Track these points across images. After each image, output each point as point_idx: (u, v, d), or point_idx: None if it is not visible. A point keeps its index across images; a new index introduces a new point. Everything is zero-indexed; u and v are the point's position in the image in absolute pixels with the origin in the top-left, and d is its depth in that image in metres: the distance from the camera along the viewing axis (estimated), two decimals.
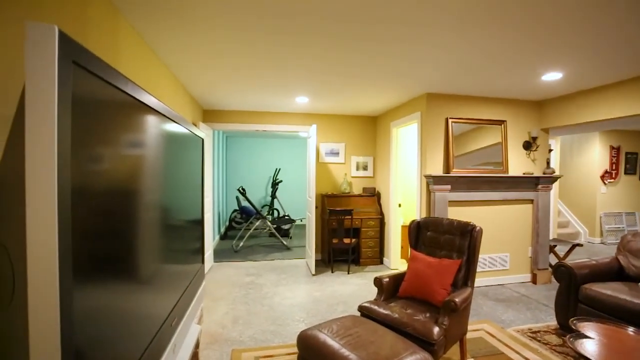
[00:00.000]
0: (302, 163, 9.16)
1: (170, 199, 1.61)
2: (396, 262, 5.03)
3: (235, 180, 8.80)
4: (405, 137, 5.48)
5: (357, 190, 5.64)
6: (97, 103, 0.88)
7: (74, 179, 0.75)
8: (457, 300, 2.13)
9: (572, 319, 2.18)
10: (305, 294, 3.95)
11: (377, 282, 2.60)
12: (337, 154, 5.54)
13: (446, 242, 2.65)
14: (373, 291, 4.02)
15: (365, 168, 5.64)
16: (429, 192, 4.02)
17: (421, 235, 2.85)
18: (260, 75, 3.38)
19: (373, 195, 5.40)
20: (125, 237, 1.09)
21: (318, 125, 5.48)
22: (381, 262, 5.30)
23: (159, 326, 1.35)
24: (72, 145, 0.74)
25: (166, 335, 1.43)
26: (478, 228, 2.50)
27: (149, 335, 1.24)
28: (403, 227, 5.21)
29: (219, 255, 5.69)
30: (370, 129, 5.67)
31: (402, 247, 5.17)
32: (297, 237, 7.28)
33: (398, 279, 2.69)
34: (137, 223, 1.18)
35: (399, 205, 5.02)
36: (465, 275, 2.48)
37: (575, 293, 2.81)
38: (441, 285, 2.39)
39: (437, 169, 4.03)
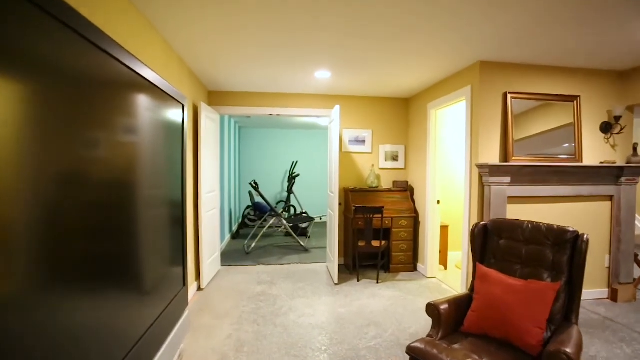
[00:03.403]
0: (321, 155, 8.43)
1: (113, 190, 0.92)
2: (433, 269, 4.24)
3: (248, 174, 8.18)
4: (445, 121, 4.65)
5: (385, 184, 4.86)
6: None
7: None
8: (569, 351, 1.36)
9: None
10: (327, 309, 3.24)
11: (433, 310, 1.85)
12: (362, 142, 4.78)
13: (531, 256, 1.87)
14: (410, 308, 3.27)
15: (395, 159, 4.86)
16: (481, 185, 3.22)
17: (490, 243, 2.07)
18: (273, 41, 2.67)
19: (405, 190, 4.62)
20: None
21: (341, 109, 4.73)
22: (414, 269, 4.52)
23: None
24: None
25: None
26: (585, 236, 1.70)
27: None
28: (442, 227, 4.41)
29: (228, 257, 5.05)
30: (402, 113, 4.88)
31: (440, 252, 4.37)
32: (315, 236, 6.57)
33: (460, 305, 1.93)
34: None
35: (438, 202, 4.22)
36: (567, 306, 1.70)
37: None
38: (533, 322, 1.61)
39: (493, 157, 3.22)
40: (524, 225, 1.94)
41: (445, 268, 4.55)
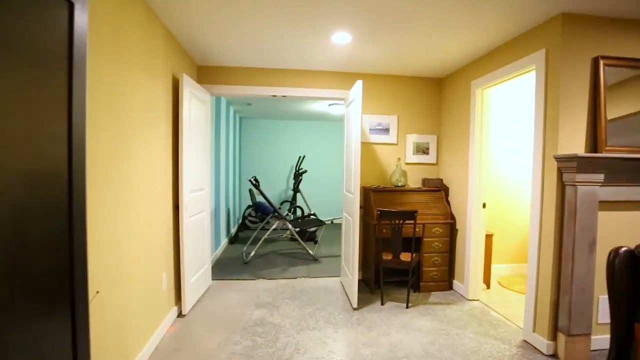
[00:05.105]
0: (331, 149, 7.57)
1: None
2: (475, 289, 3.38)
3: (250, 169, 7.36)
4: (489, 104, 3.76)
5: (412, 182, 4.01)
6: None
7: None
8: None
9: None
10: (346, 351, 2.39)
11: None
12: (386, 130, 3.92)
13: None
14: (459, 349, 2.41)
15: (425, 151, 3.99)
16: (560, 185, 2.35)
17: None
18: None
19: (439, 189, 3.75)
20: None
21: (363, 88, 3.87)
22: (450, 287, 3.66)
23: None
24: None
25: None
26: None
27: None
28: (487, 236, 3.55)
29: (223, 267, 4.23)
30: (434, 96, 4.01)
31: (484, 267, 3.50)
32: (325, 241, 5.73)
33: None
34: None
35: (484, 206, 3.35)
36: None
37: None
38: None
39: (575, 146, 2.35)
40: None
41: (488, 286, 3.69)
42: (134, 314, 2.08)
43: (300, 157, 6.99)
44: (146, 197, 2.25)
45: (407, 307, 3.16)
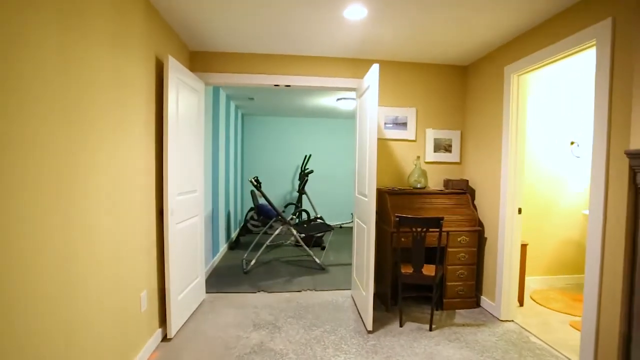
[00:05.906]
0: (340, 147, 7.13)
1: None
2: (509, 307, 2.90)
3: (253, 170, 6.94)
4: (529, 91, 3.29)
5: (433, 183, 3.55)
6: None
7: None
8: None
9: None
10: None
11: None
12: (403, 125, 3.46)
13: None
14: None
15: (447, 149, 3.53)
16: (634, 188, 1.88)
17: None
18: None
19: (464, 192, 3.29)
20: None
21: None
22: (477, 305, 3.19)
23: None
24: None
25: None
26: None
27: None
28: (521, 246, 3.08)
29: (220, 278, 3.81)
30: (457, 86, 3.54)
31: (519, 283, 3.03)
32: (333, 246, 5.28)
33: None
34: None
35: (519, 212, 2.88)
36: None
37: None
38: None
39: None
40: None
41: (521, 304, 3.21)
42: (99, 348, 1.65)
43: (306, 156, 6.55)
44: (117, 202, 1.83)
45: (430, 330, 2.70)
